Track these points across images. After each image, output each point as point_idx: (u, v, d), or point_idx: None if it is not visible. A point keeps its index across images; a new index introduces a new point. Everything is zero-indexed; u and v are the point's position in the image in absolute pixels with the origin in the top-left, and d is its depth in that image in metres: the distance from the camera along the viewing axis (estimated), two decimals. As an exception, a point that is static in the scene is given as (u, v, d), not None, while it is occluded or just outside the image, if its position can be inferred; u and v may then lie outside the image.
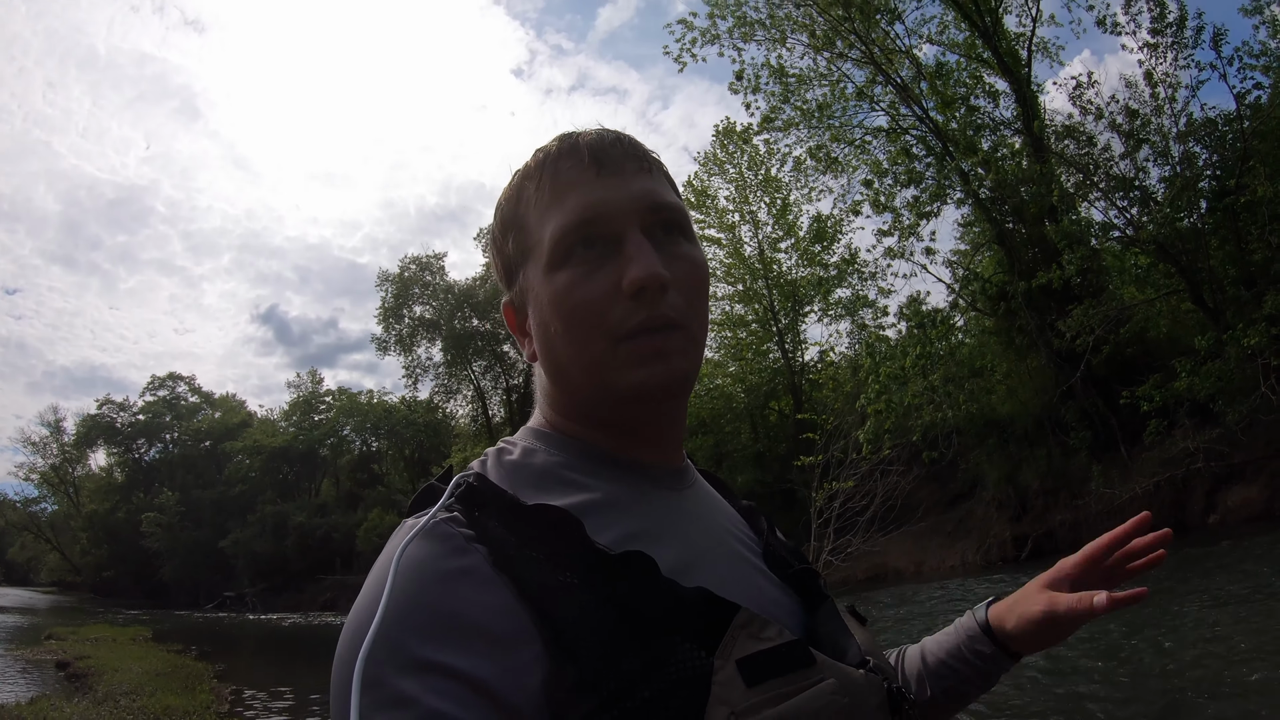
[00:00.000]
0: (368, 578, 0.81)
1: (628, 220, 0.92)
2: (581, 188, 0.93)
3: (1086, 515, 17.01)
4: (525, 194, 0.98)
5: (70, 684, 15.53)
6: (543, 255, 0.94)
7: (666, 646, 0.75)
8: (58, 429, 72.17)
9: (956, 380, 20.58)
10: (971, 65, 20.71)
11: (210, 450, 61.89)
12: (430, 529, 0.79)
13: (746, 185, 31.60)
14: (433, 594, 0.74)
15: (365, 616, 0.73)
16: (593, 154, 0.95)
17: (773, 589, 0.99)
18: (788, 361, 30.69)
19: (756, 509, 1.20)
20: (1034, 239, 19.60)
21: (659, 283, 0.88)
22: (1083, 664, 8.77)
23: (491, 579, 0.76)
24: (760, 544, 1.08)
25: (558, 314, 0.92)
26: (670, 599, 0.78)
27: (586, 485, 0.92)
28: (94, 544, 66.87)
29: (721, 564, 0.94)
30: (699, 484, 1.09)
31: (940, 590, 16.54)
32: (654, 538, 0.88)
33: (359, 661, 0.68)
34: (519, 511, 0.83)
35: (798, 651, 0.79)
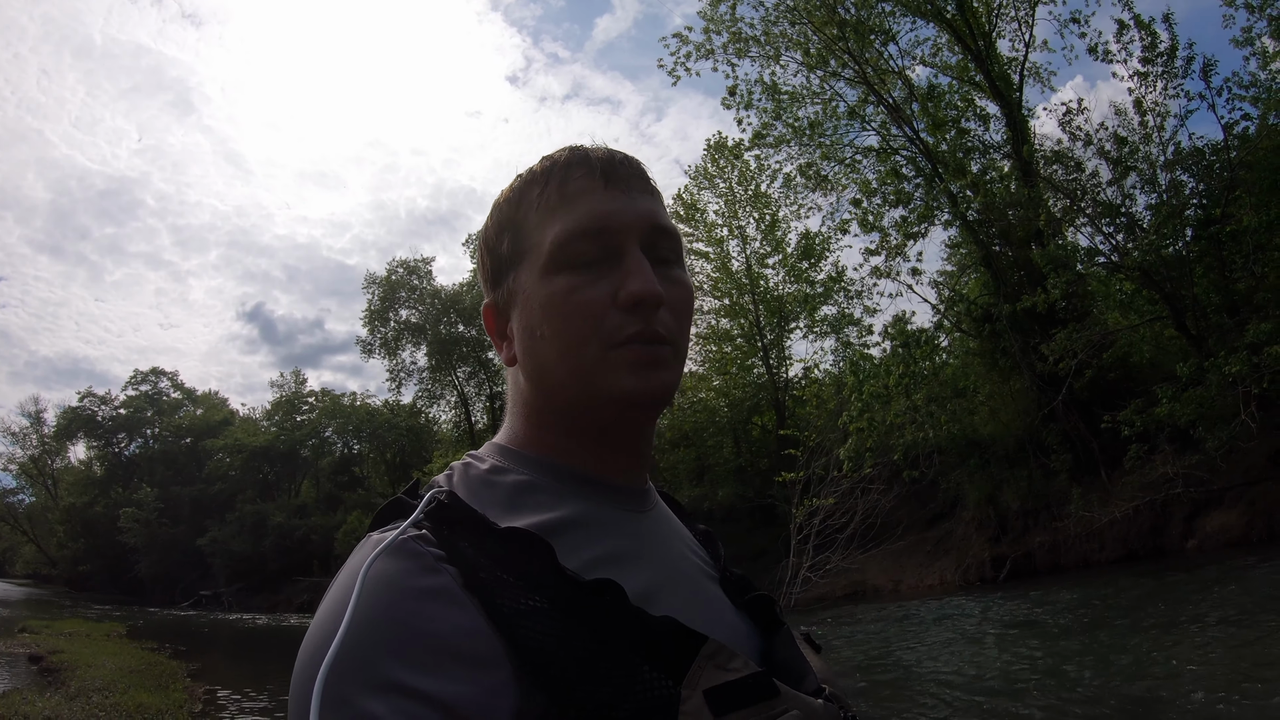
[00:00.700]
0: (330, 591, 0.80)
1: (630, 236, 0.94)
2: (590, 197, 0.95)
3: (1065, 537, 17.11)
4: (528, 198, 0.99)
5: (43, 678, 15.36)
6: (541, 258, 0.94)
7: (634, 674, 0.75)
8: (38, 420, 72.00)
9: (939, 400, 20.66)
10: (963, 88, 20.90)
11: (191, 447, 61.48)
12: (399, 545, 0.78)
13: (736, 200, 31.71)
14: (401, 612, 0.73)
15: (328, 631, 0.72)
16: (603, 167, 0.97)
17: (732, 614, 1.00)
18: (772, 377, 30.72)
19: (713, 534, 1.21)
20: (1020, 262, 19.71)
21: (655, 299, 0.90)
22: (1053, 684, 8.80)
23: (462, 600, 0.75)
24: (718, 570, 1.09)
25: (552, 315, 0.92)
26: (638, 627, 0.78)
27: (555, 506, 0.92)
28: (70, 537, 65.97)
29: (686, 589, 0.95)
30: (661, 506, 1.09)
31: (921, 608, 16.50)
32: (622, 561, 0.89)
33: (320, 677, 0.67)
34: (490, 533, 0.83)
35: (763, 683, 0.79)
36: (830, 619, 17.21)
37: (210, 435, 58.28)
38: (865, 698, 9.58)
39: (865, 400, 19.61)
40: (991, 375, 21.17)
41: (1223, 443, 14.56)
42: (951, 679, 9.93)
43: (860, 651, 12.97)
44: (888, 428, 19.86)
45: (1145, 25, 16.69)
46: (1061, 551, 17.25)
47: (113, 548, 57.10)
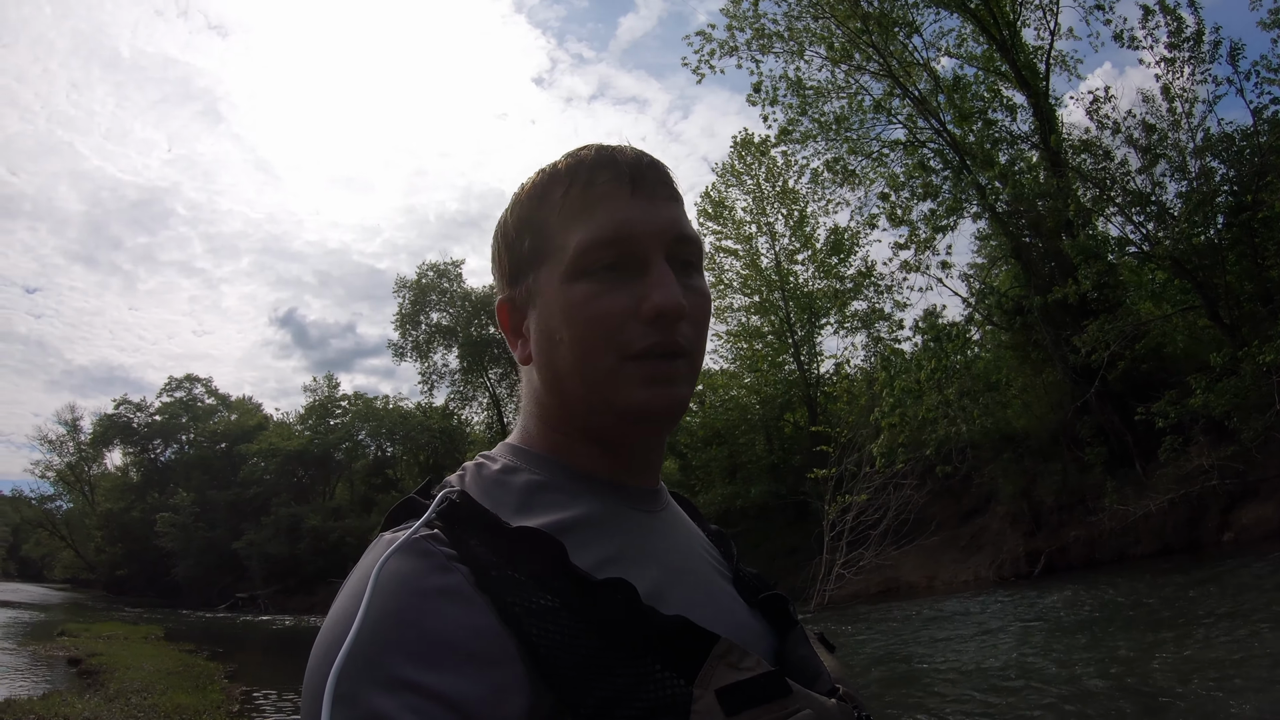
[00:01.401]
0: (343, 590, 0.81)
1: (655, 246, 0.92)
2: (614, 203, 0.93)
3: (1100, 532, 16.90)
4: (551, 196, 0.97)
5: (82, 680, 15.55)
6: (563, 262, 0.93)
7: (645, 673, 0.75)
8: (75, 428, 72.57)
9: (971, 394, 20.49)
10: (989, 78, 20.68)
11: (226, 452, 61.63)
12: (411, 545, 0.78)
13: (764, 197, 31.58)
14: (413, 611, 0.73)
15: (340, 629, 0.73)
16: (630, 172, 0.95)
17: (745, 614, 1.00)
18: (803, 373, 30.61)
19: (725, 534, 1.20)
20: (1051, 253, 19.47)
21: (679, 313, 0.90)
22: (1093, 683, 8.69)
23: (473, 599, 0.75)
24: (730, 569, 1.09)
25: (570, 322, 0.92)
26: (650, 626, 0.78)
27: (567, 505, 0.92)
28: (108, 542, 66.89)
29: (698, 589, 0.95)
30: (673, 507, 1.09)
31: (954, 605, 16.36)
32: (633, 560, 0.89)
33: (332, 675, 0.68)
34: (501, 532, 0.83)
35: (775, 682, 0.78)
36: (860, 616, 17.11)
37: (245, 440, 58.39)
38: (892, 695, 9.51)
39: (897, 396, 19.49)
40: (1024, 368, 20.99)
41: (1258, 433, 14.35)
42: (979, 677, 9.83)
43: (889, 649, 12.90)
44: (920, 423, 19.71)
45: (1170, 10, 16.49)
46: (1097, 546, 17.04)
47: (150, 552, 57.61)
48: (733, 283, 32.51)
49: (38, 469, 72.48)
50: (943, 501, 22.08)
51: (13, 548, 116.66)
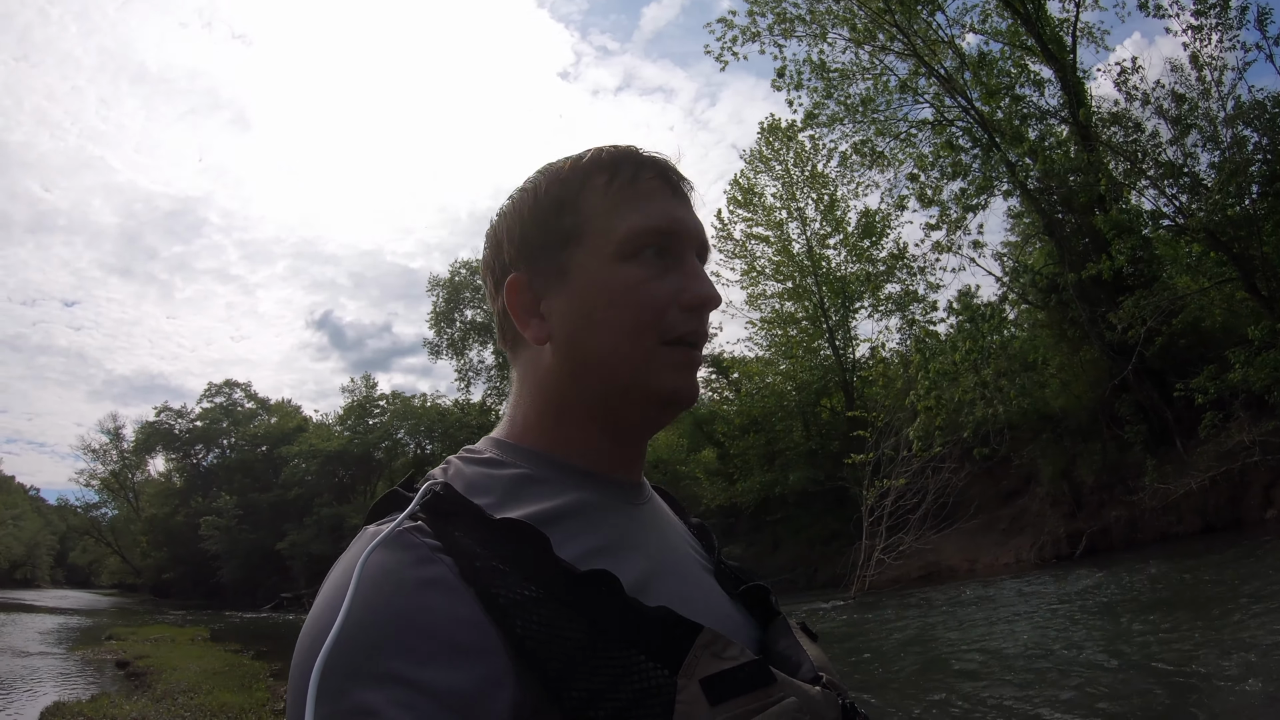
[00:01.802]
0: (326, 583, 0.80)
1: (690, 244, 1.00)
2: (662, 200, 0.99)
3: (1142, 511, 16.69)
4: (593, 181, 0.99)
5: (130, 682, 15.73)
6: (611, 243, 0.95)
7: (630, 664, 0.75)
8: (117, 436, 74.06)
9: (1008, 374, 20.23)
10: (1015, 53, 20.27)
11: (267, 454, 62.39)
12: (395, 537, 0.78)
13: (793, 182, 31.37)
14: (398, 603, 0.73)
15: (325, 623, 0.72)
16: (670, 175, 1.01)
17: (727, 605, 1.00)
18: (838, 358, 30.44)
19: (706, 526, 1.21)
20: (1084, 229, 19.15)
21: (715, 305, 0.98)
22: (1133, 666, 8.55)
23: (458, 590, 0.75)
24: (712, 561, 1.09)
25: (617, 302, 0.94)
26: (634, 617, 0.78)
27: (553, 497, 0.91)
28: (154, 547, 67.88)
29: (682, 580, 0.96)
30: (656, 499, 1.10)
31: (993, 589, 16.18)
32: (617, 551, 0.89)
33: (317, 668, 0.67)
34: (486, 524, 0.83)
35: (759, 671, 0.79)
36: (901, 601, 16.98)
37: (285, 442, 58.93)
38: (929, 680, 9.41)
39: (932, 378, 19.29)
40: (1060, 346, 20.68)
41: (1299, 407, 14.05)
42: (1018, 661, 9.68)
43: (929, 633, 12.79)
44: (956, 405, 19.51)
45: (1195, -26, 16.07)
46: (1138, 526, 16.82)
47: (195, 555, 58.29)
48: (765, 269, 32.41)
49: (82, 478, 74.33)
50: (982, 483, 21.89)
51: (60, 555, 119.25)
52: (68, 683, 15.85)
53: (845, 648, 12.95)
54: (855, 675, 10.54)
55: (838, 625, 15.67)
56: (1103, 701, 7.51)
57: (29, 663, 18.69)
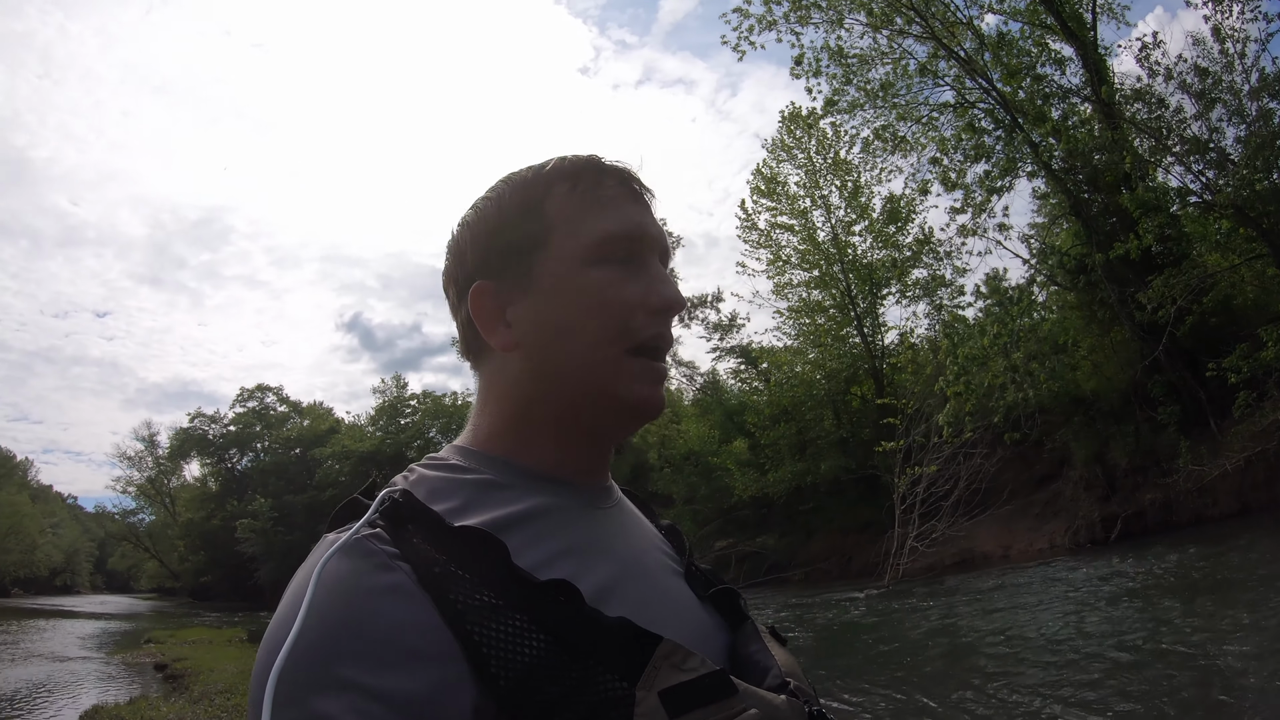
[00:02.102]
0: (286, 592, 0.80)
1: (653, 249, 1.01)
2: (625, 206, 1.00)
3: (1177, 493, 16.46)
4: (557, 188, 0.99)
5: (168, 685, 15.93)
6: (579, 249, 0.96)
7: (588, 676, 0.74)
8: (152, 443, 75.04)
9: (1039, 358, 19.99)
10: (1035, 32, 19.97)
11: (300, 457, 63.12)
12: (353, 545, 0.78)
13: (816, 170, 31.06)
14: (354, 610, 0.73)
15: (283, 631, 0.71)
16: (631, 182, 1.02)
17: (696, 609, 1.00)
18: (867, 345, 30.24)
19: (677, 529, 1.21)
20: (1111, 208, 18.88)
21: (680, 308, 0.97)
22: (1165, 654, 8.43)
23: (415, 597, 0.75)
24: (682, 563, 1.09)
25: (584, 307, 0.94)
26: (593, 628, 0.78)
27: (514, 502, 0.91)
28: (191, 551, 68.96)
29: (649, 585, 0.95)
30: (623, 502, 1.09)
31: (1024, 575, 16.02)
32: (581, 556, 0.89)
33: (273, 677, 0.67)
34: (444, 531, 0.82)
35: (720, 682, 0.78)
36: (934, 590, 16.86)
37: (318, 444, 59.60)
38: (960, 669, 9.31)
39: (961, 363, 19.11)
40: (1091, 328, 20.43)
41: (1336, 385, 13.78)
42: (1050, 649, 9.59)
43: (960, 621, 12.69)
44: (986, 390, 19.31)
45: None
46: (1173, 508, 16.58)
47: (232, 558, 58.95)
48: (791, 258, 32.17)
49: (119, 485, 75.30)
50: (1014, 469, 21.71)
51: (100, 561, 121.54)
52: (107, 686, 16.12)
53: (877, 636, 12.93)
54: (886, 665, 10.51)
55: (871, 614, 15.61)
56: (1136, 690, 7.40)
57: (70, 667, 19.05)
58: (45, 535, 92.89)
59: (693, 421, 35.49)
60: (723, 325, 36.43)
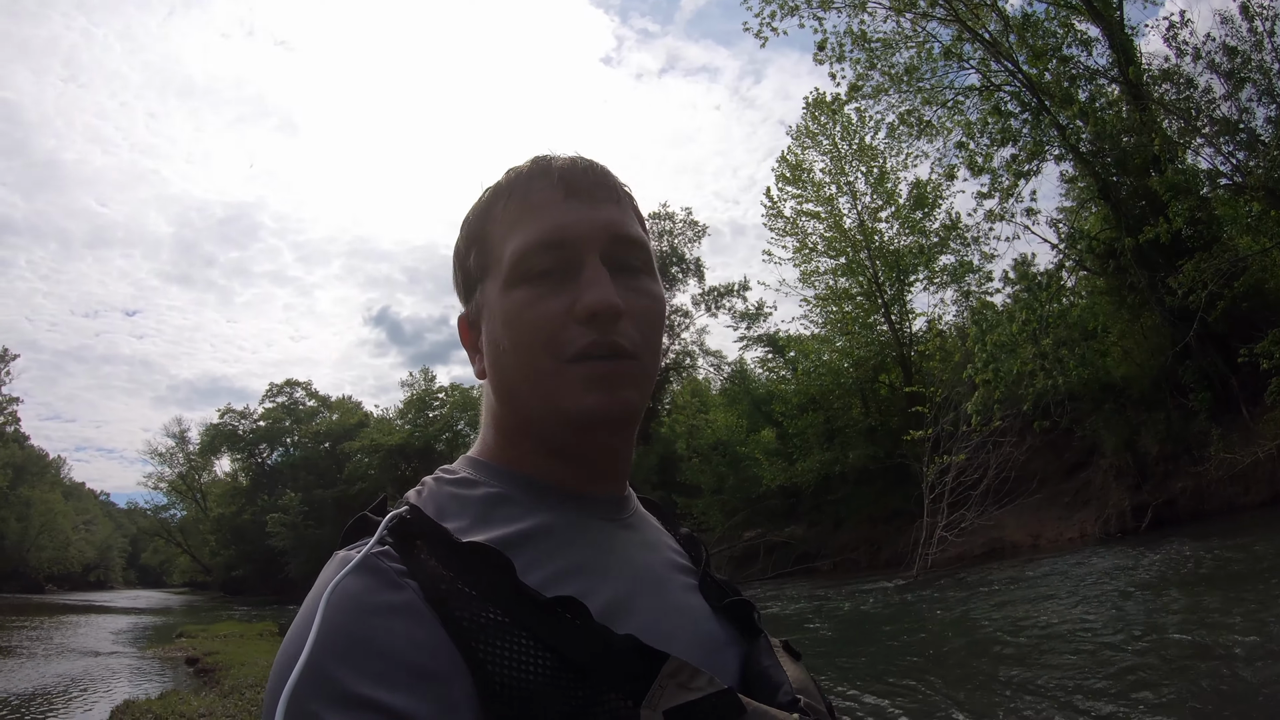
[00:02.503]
0: (300, 611, 0.79)
1: (589, 247, 0.92)
2: (549, 210, 0.94)
3: (1208, 481, 16.24)
4: (493, 210, 0.98)
5: (199, 679, 16.14)
6: (502, 271, 0.94)
7: (593, 694, 0.73)
8: (183, 439, 76.29)
9: (1068, 344, 19.72)
10: (1060, 13, 19.65)
11: (330, 451, 63.76)
12: (361, 563, 0.78)
13: (841, 156, 30.80)
14: (363, 628, 0.73)
15: (294, 649, 0.71)
16: (563, 178, 0.96)
17: (709, 621, 0.98)
18: (895, 333, 30.01)
19: (696, 538, 1.18)
20: (1140, 191, 18.56)
21: (612, 310, 0.89)
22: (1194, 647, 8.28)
23: (423, 615, 0.74)
24: (698, 574, 1.07)
25: (510, 330, 0.91)
26: (599, 645, 0.76)
27: (524, 517, 0.90)
28: (222, 545, 70.26)
29: (656, 600, 0.93)
30: (640, 513, 1.08)
31: (1052, 565, 15.82)
32: (592, 572, 0.88)
33: (285, 695, 0.67)
34: (452, 548, 0.81)
35: (727, 701, 0.77)
36: (963, 581, 16.70)
37: (347, 438, 60.15)
38: (986, 662, 9.20)
39: (990, 350, 18.90)
40: (1120, 314, 20.14)
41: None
42: (1078, 641, 9.46)
43: (987, 613, 12.55)
44: (1015, 377, 19.07)
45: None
46: (1205, 497, 16.33)
47: (263, 552, 59.86)
48: (817, 246, 31.95)
49: (150, 481, 76.55)
50: (1044, 457, 21.50)
51: (132, 557, 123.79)
52: (140, 680, 16.32)
53: (904, 627, 12.86)
54: (914, 656, 10.44)
55: (899, 604, 15.54)
56: (1171, 687, 7.27)
57: (103, 662, 19.33)
58: (78, 532, 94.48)
59: (720, 411, 35.43)
60: (749, 314, 36.47)
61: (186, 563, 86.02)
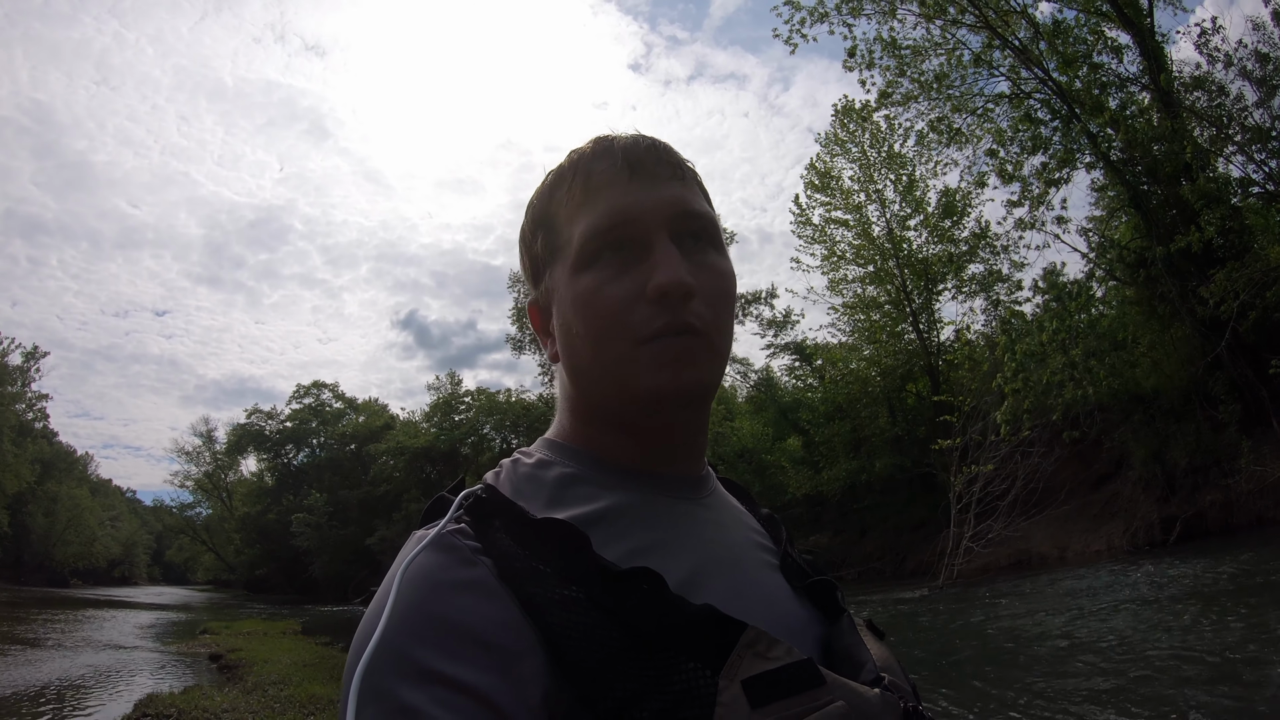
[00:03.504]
0: (379, 588, 0.81)
1: (657, 225, 0.92)
2: (613, 190, 0.93)
3: (1237, 494, 15.97)
4: (557, 194, 0.98)
5: (222, 675, 16.15)
6: (570, 255, 0.94)
7: (670, 665, 0.73)
8: (209, 438, 76.85)
9: (1098, 354, 19.54)
10: (1091, 20, 19.53)
11: (355, 453, 63.70)
12: (437, 540, 0.79)
13: (870, 164, 30.74)
14: (438, 604, 0.74)
15: (371, 626, 0.73)
16: (626, 157, 0.95)
17: (789, 601, 0.97)
18: (923, 342, 29.86)
19: (776, 518, 1.18)
20: (1171, 200, 18.34)
21: (684, 290, 0.88)
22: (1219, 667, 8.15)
23: (497, 591, 0.75)
24: (779, 554, 1.06)
25: (581, 314, 0.92)
26: (676, 616, 0.76)
27: (599, 496, 0.91)
28: (247, 544, 70.62)
29: (734, 576, 0.92)
30: (718, 493, 1.08)
31: (1077, 579, 15.62)
32: (666, 549, 0.88)
33: (360, 670, 0.68)
34: (526, 524, 0.82)
35: (806, 671, 0.76)
36: (988, 592, 16.53)
37: (373, 440, 59.91)
38: (1008, 673, 9.10)
39: (1019, 360, 18.78)
40: (1150, 324, 19.89)
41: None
42: (1098, 655, 9.33)
43: (1010, 625, 12.41)
44: (1044, 387, 18.92)
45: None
46: (1234, 510, 16.07)
47: (287, 551, 60.06)
48: (845, 254, 31.89)
49: (177, 479, 77.02)
50: (1072, 468, 21.22)
51: (157, 554, 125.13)
52: (163, 675, 16.39)
53: (927, 636, 12.74)
54: (937, 666, 10.34)
55: (924, 614, 15.38)
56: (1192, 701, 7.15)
57: (127, 656, 19.46)
58: (104, 528, 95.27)
59: (746, 419, 35.37)
60: (777, 322, 36.34)
61: (211, 561, 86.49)
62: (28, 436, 68.97)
